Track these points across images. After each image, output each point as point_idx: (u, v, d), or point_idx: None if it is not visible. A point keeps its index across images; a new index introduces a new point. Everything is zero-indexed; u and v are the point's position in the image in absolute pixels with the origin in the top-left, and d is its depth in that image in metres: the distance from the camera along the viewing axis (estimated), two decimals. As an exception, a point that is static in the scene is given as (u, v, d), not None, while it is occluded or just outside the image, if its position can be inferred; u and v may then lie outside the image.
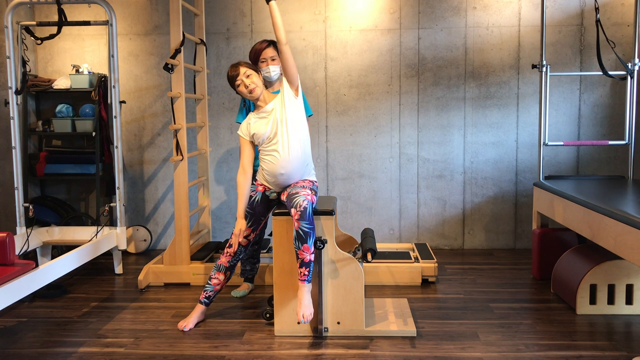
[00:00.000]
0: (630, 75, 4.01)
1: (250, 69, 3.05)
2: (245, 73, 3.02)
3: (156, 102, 4.91)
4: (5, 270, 2.90)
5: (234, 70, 3.04)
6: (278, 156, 3.00)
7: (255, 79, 3.02)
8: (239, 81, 3.02)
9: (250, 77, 3.01)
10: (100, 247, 3.90)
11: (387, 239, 4.88)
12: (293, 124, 3.00)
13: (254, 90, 3.01)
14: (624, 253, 2.74)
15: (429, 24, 4.71)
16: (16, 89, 4.05)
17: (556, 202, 3.61)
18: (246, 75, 3.02)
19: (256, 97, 3.03)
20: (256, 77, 3.04)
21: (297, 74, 3.02)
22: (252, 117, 3.09)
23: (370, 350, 2.83)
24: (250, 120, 3.09)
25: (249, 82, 3.00)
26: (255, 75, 3.04)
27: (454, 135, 4.78)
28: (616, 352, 2.77)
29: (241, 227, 3.10)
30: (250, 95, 3.03)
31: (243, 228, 3.10)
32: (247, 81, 3.01)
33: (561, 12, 4.64)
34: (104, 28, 4.83)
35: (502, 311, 3.35)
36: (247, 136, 3.10)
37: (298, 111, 3.04)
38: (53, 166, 4.62)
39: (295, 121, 3.01)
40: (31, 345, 2.94)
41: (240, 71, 3.03)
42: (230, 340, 2.97)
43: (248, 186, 3.13)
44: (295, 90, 3.03)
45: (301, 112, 3.06)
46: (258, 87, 3.02)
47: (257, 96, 3.03)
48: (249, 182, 3.13)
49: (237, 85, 3.03)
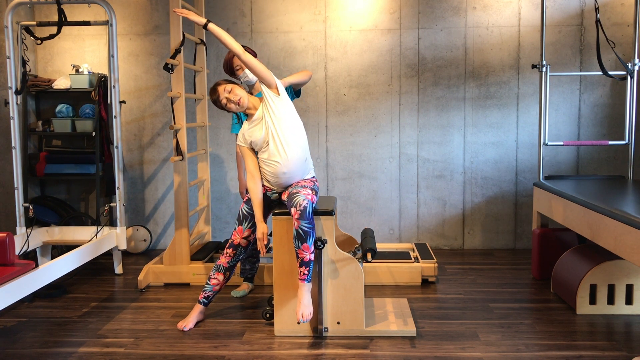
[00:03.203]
0: (630, 75, 4.01)
1: (229, 83, 3.03)
2: (225, 90, 3.00)
3: (156, 102, 4.91)
4: (5, 270, 2.91)
5: (213, 94, 3.02)
6: (278, 157, 3.00)
7: (237, 90, 3.00)
8: (224, 100, 3.00)
9: (232, 91, 2.99)
10: (100, 247, 3.90)
11: (387, 239, 4.88)
12: (285, 123, 3.01)
13: (241, 102, 3.00)
14: (624, 253, 2.74)
15: (429, 24, 4.71)
16: (16, 89, 4.05)
17: (556, 202, 3.61)
18: (227, 91, 3.00)
19: (245, 106, 3.03)
20: (238, 88, 3.02)
21: (269, 74, 3.00)
22: (246, 126, 3.10)
23: (370, 350, 2.83)
24: (245, 129, 3.11)
25: (232, 97, 2.99)
26: (237, 87, 3.02)
27: (454, 135, 4.78)
28: (616, 352, 2.77)
29: (263, 230, 3.06)
30: (239, 108, 3.02)
31: (265, 232, 3.06)
32: (230, 96, 2.99)
33: (561, 12, 4.64)
34: (104, 28, 4.83)
35: (502, 311, 3.35)
36: (246, 144, 3.11)
37: (285, 108, 3.03)
38: (53, 166, 4.63)
39: (285, 119, 3.01)
40: (31, 345, 2.94)
41: (219, 91, 3.00)
42: (230, 340, 2.97)
43: (260, 191, 3.11)
44: (275, 90, 3.03)
45: (289, 108, 3.05)
46: (243, 97, 3.00)
47: (245, 105, 3.03)
48: (260, 187, 3.12)
49: (224, 104, 3.02)
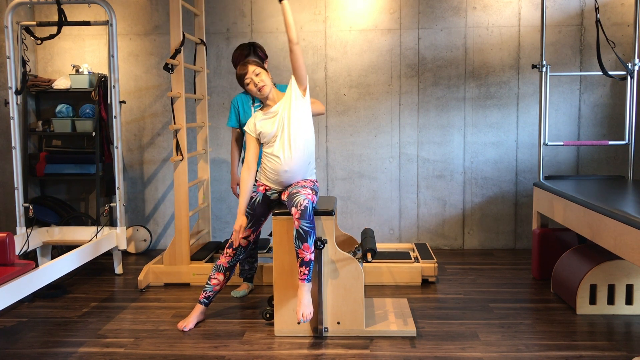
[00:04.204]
0: (630, 75, 4.01)
1: (260, 67, 3.04)
2: (254, 71, 3.01)
3: (156, 102, 4.91)
4: (5, 270, 2.90)
5: (243, 69, 3.03)
6: (282, 155, 2.99)
7: (264, 77, 3.01)
8: (248, 79, 3.01)
9: (260, 75, 3.01)
10: (100, 247, 3.90)
11: (387, 239, 4.88)
12: (298, 124, 3.00)
13: (263, 89, 3.00)
14: (624, 253, 2.74)
15: (429, 24, 4.71)
16: (16, 89, 4.05)
17: (556, 202, 3.61)
18: (255, 73, 3.01)
19: (265, 95, 3.03)
20: (265, 75, 3.03)
21: (306, 74, 3.01)
22: (260, 115, 3.08)
23: (370, 350, 2.83)
24: (257, 118, 3.08)
25: (258, 81, 3.00)
26: (264, 74, 3.03)
27: (454, 135, 4.78)
28: (616, 352, 2.77)
29: (242, 223, 3.08)
30: (259, 94, 3.02)
31: (244, 225, 3.09)
32: (256, 79, 3.00)
33: (561, 12, 4.64)
34: (104, 28, 4.83)
35: (502, 311, 3.35)
36: (254, 133, 3.09)
37: (304, 111, 3.03)
38: (53, 166, 4.63)
39: (300, 120, 3.00)
40: (31, 345, 2.94)
41: (249, 70, 3.02)
42: (230, 340, 2.97)
43: (251, 182, 3.11)
44: (303, 90, 3.02)
45: (307, 111, 3.04)
46: (267, 85, 3.01)
47: (266, 94, 3.02)
48: (253, 179, 3.12)
49: (247, 84, 3.03)
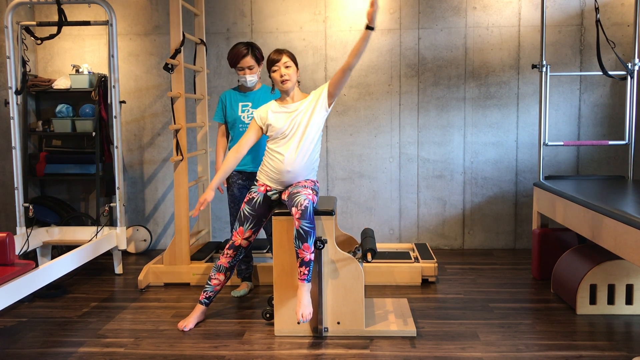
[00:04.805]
0: (630, 75, 4.01)
1: (292, 61, 3.05)
2: (285, 63, 3.02)
3: (156, 102, 4.91)
4: (5, 270, 2.90)
5: (277, 55, 3.03)
6: (287, 154, 3.00)
7: (292, 72, 3.02)
8: (277, 67, 3.01)
9: (289, 68, 3.02)
10: (100, 247, 3.90)
11: (387, 239, 4.88)
12: (311, 130, 3.01)
13: (286, 83, 3.01)
14: (624, 253, 2.74)
15: (429, 24, 4.71)
16: (16, 89, 4.05)
17: (556, 202, 3.61)
18: (286, 65, 3.02)
19: (285, 89, 3.04)
20: (293, 71, 3.03)
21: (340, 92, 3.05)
22: (274, 107, 3.08)
23: (370, 350, 2.83)
24: (272, 108, 3.08)
25: (284, 72, 3.00)
26: (294, 70, 3.04)
27: (454, 135, 4.78)
28: (616, 352, 2.77)
29: (207, 198, 3.04)
30: (280, 86, 3.03)
31: (209, 199, 3.05)
32: (283, 70, 3.00)
33: (561, 12, 4.64)
34: (104, 28, 4.83)
35: (502, 311, 3.35)
36: (261, 122, 3.09)
37: (320, 122, 3.05)
38: (53, 166, 4.63)
39: (314, 128, 3.02)
40: (31, 345, 2.94)
41: (282, 58, 3.02)
42: (230, 340, 2.97)
43: (234, 165, 3.11)
44: (329, 104, 3.04)
45: (322, 122, 3.07)
46: (291, 81, 3.02)
47: (287, 89, 3.03)
48: (237, 162, 3.13)
49: (274, 70, 3.02)
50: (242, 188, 3.61)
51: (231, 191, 3.63)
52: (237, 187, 3.61)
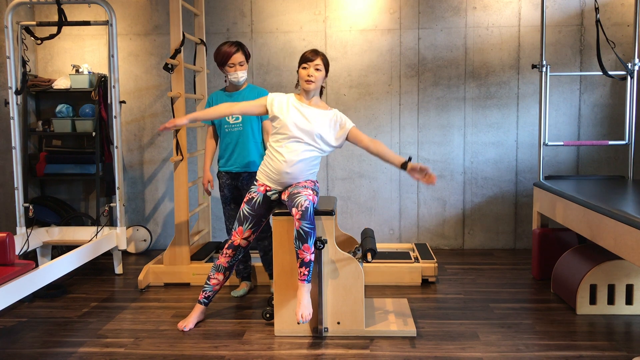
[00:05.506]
0: (630, 75, 4.02)
1: (325, 66, 3.04)
2: (317, 65, 3.01)
3: (156, 102, 4.91)
4: (5, 270, 2.91)
5: (313, 56, 3.02)
6: (288, 156, 2.99)
7: (319, 76, 3.01)
8: (308, 66, 3.00)
9: (319, 72, 3.01)
10: (100, 247, 3.90)
11: (387, 239, 4.87)
12: (317, 146, 3.02)
13: (311, 84, 3.00)
14: (624, 253, 2.74)
15: (429, 24, 4.71)
16: (16, 89, 4.05)
17: (556, 202, 3.61)
18: (317, 67, 3.00)
19: (308, 90, 3.02)
20: (322, 76, 3.03)
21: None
22: (295, 101, 3.06)
23: (370, 350, 2.83)
24: (290, 100, 3.06)
25: (313, 74, 2.99)
26: (322, 75, 3.03)
27: (454, 135, 4.78)
28: (616, 352, 2.77)
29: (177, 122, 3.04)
30: (305, 85, 3.01)
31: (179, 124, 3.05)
32: (312, 72, 2.99)
33: (561, 12, 4.64)
34: (104, 28, 4.83)
35: (502, 311, 3.35)
36: (271, 106, 3.06)
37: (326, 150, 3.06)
38: (53, 166, 4.62)
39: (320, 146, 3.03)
40: (31, 345, 2.94)
41: (315, 60, 3.01)
42: (230, 340, 2.97)
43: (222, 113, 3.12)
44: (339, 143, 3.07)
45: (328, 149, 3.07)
46: (315, 84, 3.01)
47: (310, 90, 3.02)
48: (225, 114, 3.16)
49: (304, 67, 3.01)
50: (232, 188, 3.62)
51: (222, 192, 3.64)
52: (227, 188, 3.62)
